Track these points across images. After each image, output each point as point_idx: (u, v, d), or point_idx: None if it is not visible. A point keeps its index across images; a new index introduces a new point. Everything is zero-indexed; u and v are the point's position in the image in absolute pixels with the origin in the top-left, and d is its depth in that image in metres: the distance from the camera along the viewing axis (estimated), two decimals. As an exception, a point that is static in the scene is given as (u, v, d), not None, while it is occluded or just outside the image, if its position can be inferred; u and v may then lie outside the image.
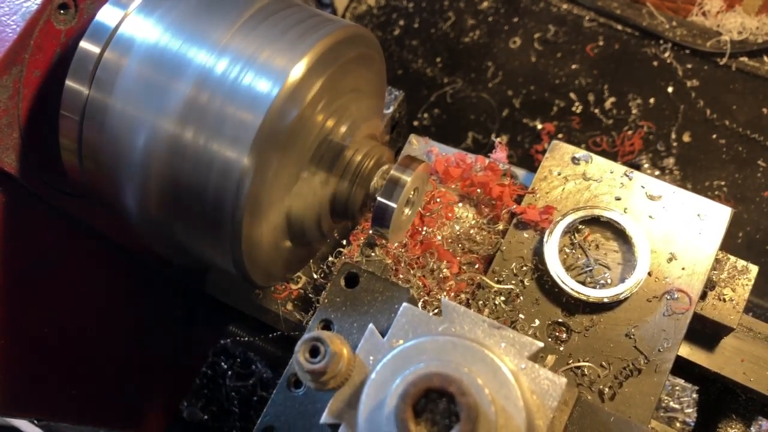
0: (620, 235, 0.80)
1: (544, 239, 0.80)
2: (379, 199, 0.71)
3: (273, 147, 0.65)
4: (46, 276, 0.84)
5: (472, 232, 0.85)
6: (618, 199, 0.83)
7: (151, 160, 0.68)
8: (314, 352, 0.54)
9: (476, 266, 0.83)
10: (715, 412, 0.89)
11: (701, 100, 1.48)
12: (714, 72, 1.49)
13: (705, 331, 0.82)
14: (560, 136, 1.50)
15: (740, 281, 0.82)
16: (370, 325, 0.60)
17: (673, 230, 0.80)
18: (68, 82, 0.70)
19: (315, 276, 0.86)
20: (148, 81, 0.68)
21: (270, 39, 0.68)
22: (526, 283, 0.79)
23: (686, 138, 1.46)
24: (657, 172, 1.41)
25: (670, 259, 0.79)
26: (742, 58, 1.48)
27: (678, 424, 1.24)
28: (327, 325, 0.69)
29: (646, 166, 1.42)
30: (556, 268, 0.78)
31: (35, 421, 1.10)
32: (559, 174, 0.85)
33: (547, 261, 0.79)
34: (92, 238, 0.89)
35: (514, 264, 0.80)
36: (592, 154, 0.86)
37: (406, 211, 0.76)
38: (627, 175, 0.84)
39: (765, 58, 1.48)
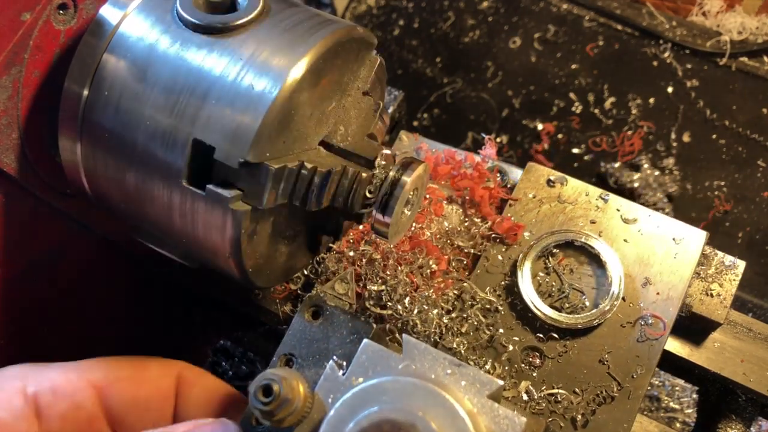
0: (595, 259, 0.80)
1: (518, 263, 0.79)
2: (379, 199, 0.71)
3: (272, 147, 0.65)
4: (46, 276, 0.84)
5: (460, 229, 0.85)
6: (593, 222, 0.82)
7: (151, 161, 0.68)
8: (267, 391, 0.56)
9: (464, 262, 0.83)
10: (715, 413, 0.89)
11: (701, 100, 1.47)
12: (714, 72, 1.49)
13: (692, 327, 0.83)
14: (560, 136, 1.50)
15: (728, 276, 0.82)
16: (330, 362, 0.61)
17: (648, 254, 0.80)
18: (68, 83, 0.70)
19: (305, 272, 0.86)
20: (148, 81, 0.68)
21: (270, 39, 0.68)
22: (501, 309, 0.79)
23: (686, 138, 1.46)
24: (657, 172, 1.41)
25: (645, 284, 0.79)
26: (742, 58, 1.48)
27: (678, 425, 1.24)
28: (290, 359, 0.69)
29: (645, 166, 1.42)
30: (529, 293, 0.78)
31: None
32: (534, 197, 0.85)
33: (521, 287, 0.78)
34: (92, 238, 0.89)
35: (488, 287, 0.80)
36: (567, 177, 0.85)
37: (406, 211, 0.75)
38: (602, 198, 0.84)
39: (765, 58, 1.48)
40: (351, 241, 0.84)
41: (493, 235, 0.83)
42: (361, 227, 0.86)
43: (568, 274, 0.80)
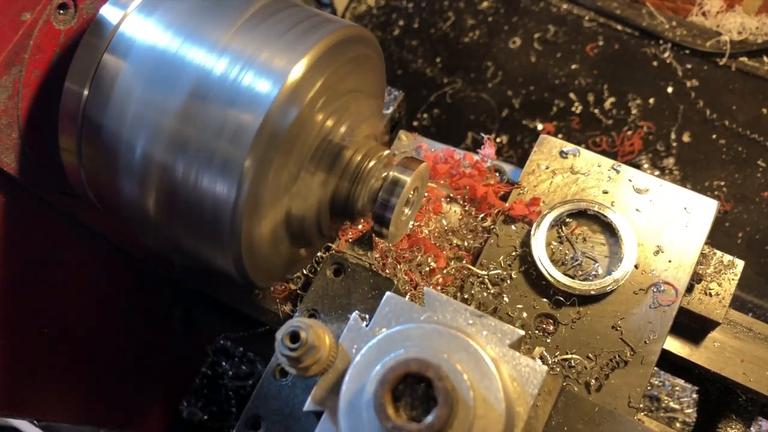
0: (607, 228, 0.81)
1: (532, 232, 0.80)
2: (379, 199, 0.71)
3: (272, 147, 0.65)
4: (46, 276, 0.84)
5: (459, 227, 0.85)
6: (605, 192, 0.83)
7: (151, 161, 0.68)
8: (294, 338, 0.55)
9: (463, 261, 0.83)
10: (715, 413, 0.89)
11: (701, 100, 1.48)
12: (714, 72, 1.49)
13: (691, 326, 0.83)
14: (560, 136, 1.50)
15: (726, 276, 0.83)
16: (354, 314, 0.61)
17: (659, 223, 0.81)
18: (68, 83, 0.70)
19: (305, 272, 0.86)
20: (148, 81, 0.68)
21: (270, 39, 0.68)
22: (513, 276, 0.80)
23: (686, 138, 1.46)
24: (657, 172, 1.41)
25: (657, 252, 0.79)
26: (741, 58, 1.48)
27: (678, 425, 1.24)
28: (313, 315, 0.70)
29: (645, 166, 1.42)
30: (543, 260, 0.79)
31: (35, 422, 1.10)
32: (546, 168, 0.85)
33: (534, 253, 0.79)
34: (91, 238, 0.89)
35: (501, 257, 0.81)
36: (580, 148, 0.86)
37: (406, 210, 0.76)
38: (614, 169, 0.84)
39: (765, 58, 1.48)
40: (350, 240, 0.84)
41: (504, 218, 0.83)
42: (360, 227, 0.86)
43: (581, 243, 0.81)
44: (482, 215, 0.85)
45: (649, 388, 1.25)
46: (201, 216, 0.68)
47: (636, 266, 0.78)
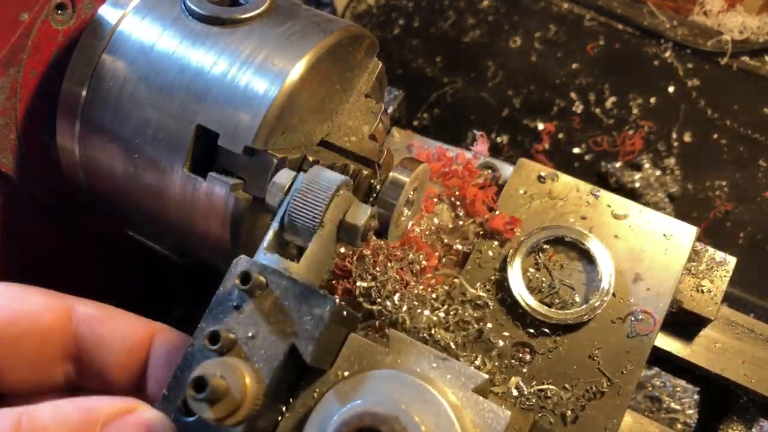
0: (585, 255, 0.80)
1: (508, 259, 0.79)
2: (379, 199, 0.71)
3: (271, 148, 0.65)
4: (44, 277, 0.84)
5: (450, 226, 0.85)
6: (584, 218, 0.82)
7: (151, 158, 0.68)
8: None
9: (454, 260, 0.83)
10: (716, 414, 0.89)
11: (702, 100, 1.47)
12: (715, 72, 1.48)
13: (683, 322, 0.82)
14: (561, 135, 1.50)
15: (718, 273, 0.82)
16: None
17: (638, 250, 0.80)
18: (66, 83, 0.70)
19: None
20: (147, 81, 0.67)
21: (268, 39, 0.67)
22: (490, 304, 0.79)
23: (687, 138, 1.45)
24: (658, 172, 1.41)
25: (635, 279, 0.78)
26: (743, 58, 1.48)
27: (679, 426, 1.24)
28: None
29: (647, 166, 1.42)
30: (519, 288, 0.78)
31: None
32: (524, 192, 0.85)
33: (511, 281, 0.78)
34: (90, 238, 0.88)
35: (480, 282, 0.80)
36: (558, 173, 0.85)
37: (406, 211, 0.75)
38: (593, 194, 0.84)
39: (766, 57, 1.47)
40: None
41: (484, 232, 0.83)
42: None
43: (559, 270, 0.80)
44: (471, 219, 0.85)
45: (650, 389, 1.24)
46: (202, 204, 0.68)
47: (614, 294, 0.77)
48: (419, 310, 0.79)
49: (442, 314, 0.79)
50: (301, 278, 0.56)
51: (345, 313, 0.58)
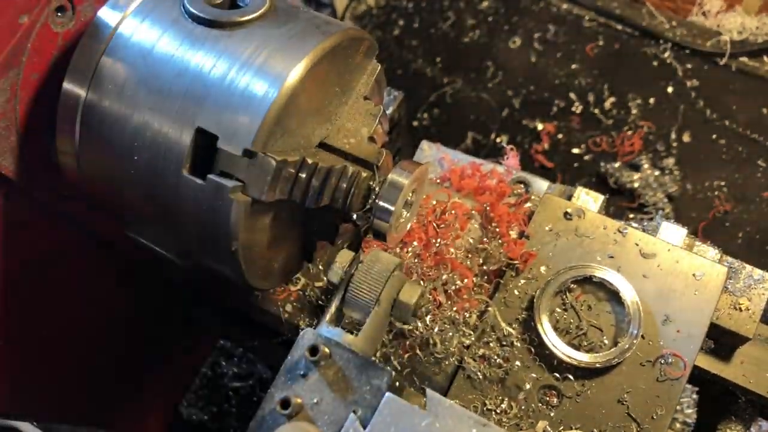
0: (613, 295, 0.78)
1: (535, 300, 0.78)
2: (378, 201, 0.71)
3: (271, 150, 0.65)
4: (44, 278, 0.84)
5: (479, 246, 0.83)
6: (611, 257, 0.80)
7: (150, 163, 0.68)
8: None
9: (486, 277, 0.82)
10: (715, 413, 0.89)
11: (701, 100, 1.47)
12: (714, 72, 1.49)
13: (720, 341, 0.81)
14: (560, 136, 1.50)
15: (756, 290, 0.80)
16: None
17: (667, 290, 0.78)
18: (66, 85, 0.70)
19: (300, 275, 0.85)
20: (146, 83, 0.68)
21: (268, 41, 0.67)
22: (516, 344, 0.77)
23: (686, 138, 1.45)
24: (657, 173, 1.41)
25: (665, 321, 0.77)
26: (742, 58, 1.48)
27: (678, 425, 1.24)
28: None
29: (645, 166, 1.42)
30: (547, 330, 0.76)
31: (34, 423, 1.10)
32: (550, 230, 0.82)
33: (538, 323, 0.77)
34: (90, 240, 0.89)
35: (506, 322, 0.78)
36: (584, 209, 0.83)
37: (405, 212, 0.75)
38: (620, 231, 0.81)
39: (765, 58, 1.47)
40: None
41: (508, 263, 0.81)
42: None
43: (586, 311, 0.78)
44: (498, 239, 0.83)
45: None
46: (201, 206, 0.68)
47: (643, 336, 0.75)
48: (450, 333, 0.77)
49: (472, 339, 0.78)
50: (359, 350, 0.63)
51: (398, 383, 0.63)
